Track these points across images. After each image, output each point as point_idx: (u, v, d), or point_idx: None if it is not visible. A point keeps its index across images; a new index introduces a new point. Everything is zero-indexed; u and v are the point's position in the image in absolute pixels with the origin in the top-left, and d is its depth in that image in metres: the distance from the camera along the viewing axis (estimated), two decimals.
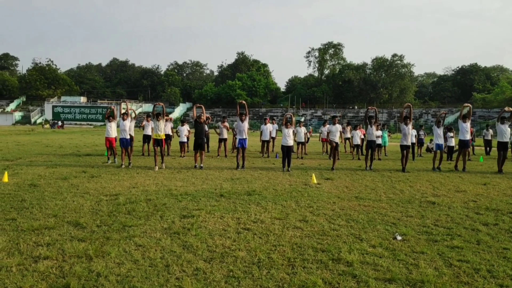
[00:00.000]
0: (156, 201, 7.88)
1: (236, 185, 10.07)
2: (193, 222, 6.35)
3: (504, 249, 5.35)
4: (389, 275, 4.35)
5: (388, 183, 10.89)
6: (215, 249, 5.11)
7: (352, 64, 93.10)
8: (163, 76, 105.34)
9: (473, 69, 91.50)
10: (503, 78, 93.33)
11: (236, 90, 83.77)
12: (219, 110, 78.85)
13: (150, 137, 16.09)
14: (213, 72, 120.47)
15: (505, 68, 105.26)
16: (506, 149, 14.07)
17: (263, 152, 18.75)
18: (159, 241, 5.42)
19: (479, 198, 8.91)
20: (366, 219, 6.82)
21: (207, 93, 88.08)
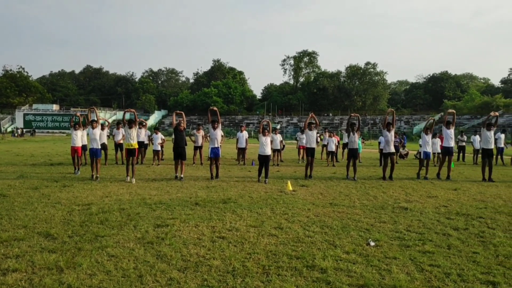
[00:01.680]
0: (130, 211, 7.77)
1: (212, 193, 10.02)
2: (167, 231, 6.28)
3: (473, 253, 5.48)
4: (363, 281, 4.40)
5: (362, 189, 11.04)
6: (190, 258, 5.07)
7: (327, 72, 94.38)
8: (137, 83, 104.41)
9: (444, 77, 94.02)
10: (472, 85, 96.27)
11: (212, 97, 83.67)
12: (195, 118, 78.46)
13: (122, 145, 15.75)
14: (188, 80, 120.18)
15: (474, 76, 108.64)
16: (491, 156, 13.64)
17: (239, 160, 18.75)
18: (132, 251, 5.34)
19: (450, 203, 9.12)
20: (340, 225, 6.89)
21: (182, 101, 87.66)
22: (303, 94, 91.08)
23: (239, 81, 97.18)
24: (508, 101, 70.65)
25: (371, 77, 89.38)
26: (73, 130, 13.87)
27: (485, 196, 10.20)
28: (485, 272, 4.75)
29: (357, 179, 13.09)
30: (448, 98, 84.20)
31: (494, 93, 79.99)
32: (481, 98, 75.12)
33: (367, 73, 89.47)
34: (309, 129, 13.62)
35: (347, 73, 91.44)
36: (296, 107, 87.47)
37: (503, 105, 68.72)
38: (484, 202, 9.39)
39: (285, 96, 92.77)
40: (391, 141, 13.30)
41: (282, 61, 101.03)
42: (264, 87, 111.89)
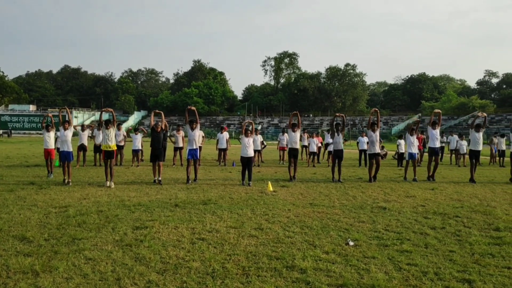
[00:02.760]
0: (108, 213, 7.66)
1: (192, 194, 9.96)
2: (146, 233, 6.21)
3: (450, 251, 5.57)
4: (342, 280, 4.43)
5: (342, 190, 11.13)
6: (169, 261, 5.03)
7: (307, 73, 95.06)
8: (117, 83, 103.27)
9: (422, 78, 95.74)
10: (449, 87, 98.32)
11: (193, 97, 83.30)
12: (175, 118, 77.96)
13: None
14: (169, 80, 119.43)
15: (451, 77, 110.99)
16: (478, 158, 13.60)
17: (219, 161, 18.69)
18: (110, 253, 5.26)
19: (427, 203, 9.27)
20: (320, 225, 6.93)
21: (162, 101, 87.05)
22: (283, 95, 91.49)
23: (220, 82, 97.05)
24: (483, 102, 72.41)
25: (351, 79, 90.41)
26: (45, 131, 13.26)
27: (461, 196, 10.40)
28: (461, 270, 4.83)
29: (342, 181, 12.89)
30: (426, 99, 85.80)
31: (470, 95, 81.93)
32: (457, 99, 76.80)
33: (347, 74, 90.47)
34: (292, 130, 13.23)
35: (327, 74, 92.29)
36: (277, 108, 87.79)
37: (478, 106, 70.32)
38: (460, 201, 9.57)
39: (266, 97, 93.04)
40: (376, 142, 13.07)
41: (263, 62, 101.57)
42: (245, 87, 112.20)
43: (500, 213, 8.18)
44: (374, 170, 13.01)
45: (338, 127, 13.45)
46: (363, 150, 19.39)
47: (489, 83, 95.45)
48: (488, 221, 7.47)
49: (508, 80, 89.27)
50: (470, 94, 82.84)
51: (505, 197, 10.34)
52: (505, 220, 7.51)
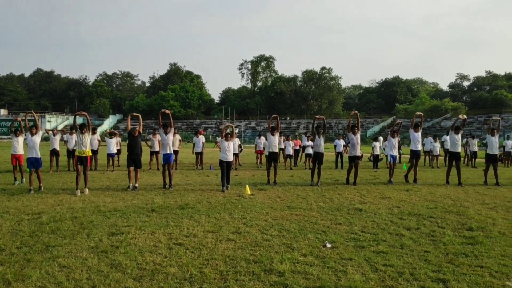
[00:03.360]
0: (83, 219, 7.51)
1: (168, 199, 9.86)
2: (122, 239, 6.12)
3: (425, 252, 5.67)
4: (319, 283, 4.46)
5: (319, 192, 11.21)
6: (145, 267, 4.96)
7: (284, 76, 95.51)
8: (91, 87, 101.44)
9: (396, 82, 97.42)
10: (422, 90, 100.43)
11: (169, 101, 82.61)
12: (152, 122, 77.11)
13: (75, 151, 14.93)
14: (144, 83, 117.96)
15: (424, 80, 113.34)
16: (459, 160, 13.48)
17: (196, 165, 18.58)
18: (85, 260, 5.16)
19: (402, 204, 9.43)
20: (297, 228, 6.96)
21: (138, 105, 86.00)
22: (261, 98, 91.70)
23: (196, 85, 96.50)
24: (455, 105, 74.16)
25: (327, 82, 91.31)
26: (14, 136, 12.68)
27: (435, 196, 10.62)
28: (435, 270, 4.92)
29: (320, 184, 12.72)
30: (400, 102, 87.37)
31: (443, 97, 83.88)
32: (430, 102, 78.49)
33: (323, 77, 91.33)
34: (272, 134, 13.01)
35: (304, 77, 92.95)
36: (254, 111, 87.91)
37: (451, 108, 72.04)
38: (434, 202, 9.77)
39: (243, 100, 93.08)
40: (357, 144, 12.90)
41: (240, 65, 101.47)
42: (222, 91, 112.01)
43: (472, 213, 8.38)
44: (353, 173, 12.88)
45: (319, 130, 13.21)
46: (339, 153, 19.61)
47: (460, 86, 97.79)
48: (461, 221, 7.64)
49: (479, 83, 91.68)
50: (442, 97, 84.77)
51: (477, 197, 10.61)
52: (477, 220, 7.70)
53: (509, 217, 7.98)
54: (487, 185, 12.93)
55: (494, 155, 13.57)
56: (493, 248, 5.84)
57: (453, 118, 65.84)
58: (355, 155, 12.84)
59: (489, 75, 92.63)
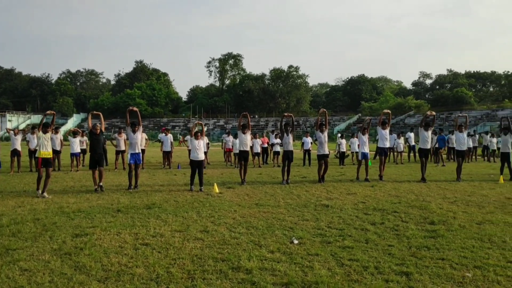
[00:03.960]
0: (45, 220, 7.29)
1: (135, 199, 9.70)
2: (86, 240, 5.97)
3: (389, 246, 5.81)
4: (286, 279, 4.49)
5: (286, 189, 11.30)
6: (111, 268, 4.86)
7: (252, 74, 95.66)
8: (54, 85, 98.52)
9: (361, 80, 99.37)
10: (387, 88, 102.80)
11: (136, 99, 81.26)
12: (117, 121, 75.68)
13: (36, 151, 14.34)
14: (110, 81, 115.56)
15: (388, 78, 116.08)
16: (427, 156, 13.63)
17: (164, 164, 18.37)
18: (47, 263, 5.01)
19: (367, 199, 9.62)
20: (265, 225, 6.99)
21: (103, 103, 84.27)
22: (229, 96, 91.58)
23: (163, 83, 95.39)
24: (418, 102, 76.39)
25: (294, 80, 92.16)
26: None
27: (399, 192, 10.90)
28: (399, 264, 5.04)
29: (289, 182, 12.64)
30: (365, 100, 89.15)
31: (406, 95, 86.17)
32: (395, 100, 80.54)
33: (290, 76, 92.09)
34: (242, 132, 12.65)
35: (271, 76, 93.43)
36: (222, 109, 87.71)
37: (414, 106, 74.06)
38: (398, 197, 10.03)
39: (211, 98, 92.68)
40: (324, 143, 12.83)
41: (208, 63, 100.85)
42: (190, 89, 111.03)
43: (434, 207, 8.65)
44: (322, 171, 12.83)
45: (287, 128, 13.01)
46: (307, 150, 19.80)
47: (423, 84, 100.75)
48: (424, 215, 7.87)
49: (441, 81, 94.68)
50: (406, 95, 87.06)
51: (439, 192, 10.95)
52: (439, 214, 7.95)
53: (469, 211, 8.28)
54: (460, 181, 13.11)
55: (463, 151, 13.84)
56: (454, 241, 6.03)
57: (416, 115, 67.76)
58: (323, 153, 12.79)
59: (450, 73, 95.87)
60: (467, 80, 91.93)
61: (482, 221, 7.30)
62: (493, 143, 22.84)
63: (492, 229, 6.74)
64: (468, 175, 14.67)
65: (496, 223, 7.18)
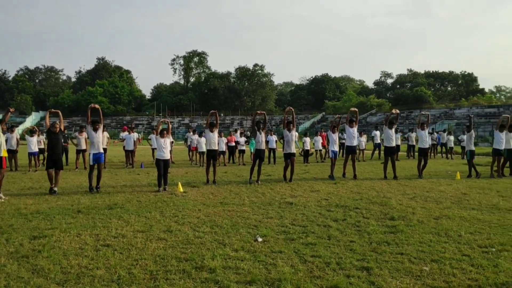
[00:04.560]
0: (1, 223, 7.01)
1: (96, 199, 9.48)
2: (45, 242, 5.79)
3: (350, 242, 5.93)
4: (250, 277, 4.51)
5: (251, 187, 11.34)
6: (70, 270, 4.73)
7: (217, 72, 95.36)
8: (11, 82, 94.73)
9: (325, 79, 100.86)
10: (350, 87, 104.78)
11: (97, 97, 79.35)
12: (78, 119, 73.62)
13: None
14: (70, 78, 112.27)
15: (351, 78, 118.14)
16: (393, 154, 13.75)
17: (127, 163, 18.03)
18: (3, 267, 4.82)
19: (330, 197, 9.79)
20: (230, 224, 6.99)
21: (64, 101, 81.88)
22: (194, 94, 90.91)
23: (126, 81, 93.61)
24: (380, 101, 78.29)
25: (259, 79, 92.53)
26: None
27: (360, 188, 11.14)
28: (360, 259, 5.16)
29: (260, 182, 12.33)
30: (329, 99, 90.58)
31: (368, 94, 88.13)
32: (357, 99, 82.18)
33: (256, 74, 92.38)
34: (210, 130, 12.29)
35: (237, 74, 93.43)
36: (187, 107, 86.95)
37: (376, 105, 75.82)
38: (359, 194, 10.25)
39: (175, 96, 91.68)
40: (291, 141, 12.61)
41: (172, 60, 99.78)
42: (153, 86, 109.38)
43: (394, 203, 8.89)
44: (290, 171, 12.62)
45: (259, 125, 12.68)
46: (272, 149, 19.90)
47: (384, 83, 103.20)
48: (384, 211, 8.08)
49: (401, 80, 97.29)
50: (368, 94, 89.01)
51: (399, 188, 11.28)
52: (398, 210, 8.19)
53: (427, 206, 8.56)
54: (421, 178, 13.44)
55: (425, 148, 14.20)
56: (412, 236, 6.23)
57: (378, 114, 69.38)
58: (290, 152, 12.56)
59: (411, 73, 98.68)
60: (427, 79, 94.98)
61: (439, 216, 7.57)
62: (450, 141, 23.72)
63: (449, 223, 7.00)
64: (426, 172, 15.15)
65: (453, 218, 7.46)
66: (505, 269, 4.78)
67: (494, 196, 9.80)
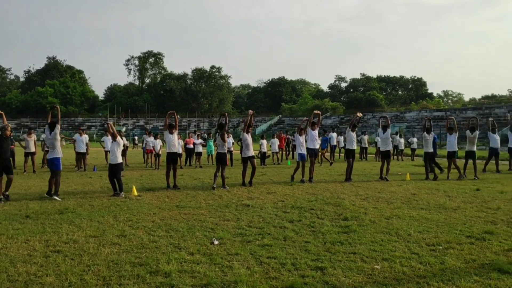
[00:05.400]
0: None
1: (46, 204, 9.11)
2: None
3: (305, 242, 6.03)
4: (206, 280, 4.49)
5: (208, 190, 11.29)
6: (18, 278, 4.53)
7: (173, 74, 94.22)
8: None
9: (281, 82, 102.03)
10: (305, 90, 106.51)
11: (48, 97, 76.42)
12: (27, 120, 70.55)
13: None
14: (18, 78, 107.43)
15: (307, 81, 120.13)
16: (354, 157, 13.81)
17: (78, 166, 17.46)
18: None
19: (286, 198, 9.92)
20: (186, 227, 6.93)
21: (11, 101, 78.26)
22: (149, 96, 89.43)
23: (78, 81, 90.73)
24: (334, 104, 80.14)
25: (217, 81, 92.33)
26: None
27: (315, 190, 11.35)
28: (315, 259, 5.25)
29: (227, 186, 11.84)
30: (286, 102, 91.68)
31: (323, 97, 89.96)
32: (312, 102, 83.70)
33: (213, 76, 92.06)
34: (170, 132, 11.90)
35: (194, 75, 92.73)
36: (142, 108, 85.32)
37: (330, 108, 77.50)
38: (315, 195, 10.44)
39: (130, 97, 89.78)
40: (250, 145, 12.40)
41: (126, 61, 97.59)
42: (107, 87, 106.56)
43: (348, 204, 9.13)
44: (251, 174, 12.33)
45: (221, 127, 12.27)
46: (229, 151, 19.88)
47: (339, 87, 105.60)
48: (338, 212, 8.27)
49: (354, 84, 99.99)
50: (323, 97, 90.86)
51: (352, 189, 11.58)
52: (352, 210, 8.41)
53: (378, 207, 8.85)
54: (382, 180, 13.68)
55: (387, 151, 14.45)
56: (365, 235, 6.42)
57: (332, 117, 70.93)
58: (249, 156, 12.31)
59: (363, 77, 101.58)
60: (379, 83, 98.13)
61: (390, 216, 7.84)
62: (401, 143, 24.66)
63: (399, 223, 7.26)
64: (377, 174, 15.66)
65: (403, 217, 7.74)
66: (451, 265, 5.01)
67: (441, 196, 10.27)
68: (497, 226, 7.05)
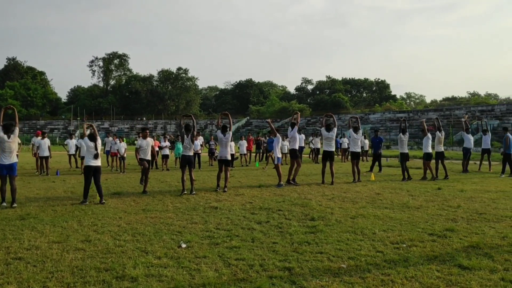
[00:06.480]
0: None
1: (6, 209, 8.79)
2: None
3: (273, 243, 6.08)
4: (173, 284, 4.46)
5: (175, 193, 11.18)
6: None
7: (139, 75, 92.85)
8: None
9: (249, 84, 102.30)
10: (273, 92, 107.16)
11: (7, 100, 73.74)
12: None
13: None
14: None
15: (274, 83, 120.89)
16: (333, 159, 13.60)
17: (40, 170, 16.93)
18: None
19: (254, 200, 9.96)
20: (152, 231, 6.84)
21: None
22: (114, 98, 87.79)
23: (40, 82, 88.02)
24: (301, 106, 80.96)
25: (183, 82, 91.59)
26: None
27: (283, 191, 11.45)
28: (282, 260, 5.30)
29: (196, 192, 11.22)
30: (253, 104, 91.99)
31: (290, 99, 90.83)
32: (280, 104, 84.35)
33: (179, 78, 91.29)
34: (144, 137, 11.84)
35: (160, 77, 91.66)
36: (107, 111, 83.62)
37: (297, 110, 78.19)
38: (282, 196, 10.53)
39: (94, 100, 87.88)
40: (226, 147, 12.07)
41: (90, 62, 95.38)
42: (70, 89, 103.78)
43: (314, 204, 9.26)
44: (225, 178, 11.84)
45: (188, 129, 11.62)
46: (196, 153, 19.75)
47: (305, 89, 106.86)
48: (305, 212, 8.38)
49: (320, 86, 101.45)
50: (290, 99, 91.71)
51: (319, 189, 11.75)
52: (318, 210, 8.53)
53: (344, 206, 9.02)
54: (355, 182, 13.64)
55: (357, 152, 14.56)
56: (331, 235, 6.53)
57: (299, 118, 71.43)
58: (225, 158, 11.92)
59: (329, 79, 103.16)
60: (344, 86, 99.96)
61: (355, 216, 8.01)
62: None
63: (364, 222, 7.43)
64: (344, 174, 15.96)
65: (367, 216, 7.92)
66: (414, 263, 5.17)
67: (405, 196, 10.56)
68: (458, 223, 7.32)
